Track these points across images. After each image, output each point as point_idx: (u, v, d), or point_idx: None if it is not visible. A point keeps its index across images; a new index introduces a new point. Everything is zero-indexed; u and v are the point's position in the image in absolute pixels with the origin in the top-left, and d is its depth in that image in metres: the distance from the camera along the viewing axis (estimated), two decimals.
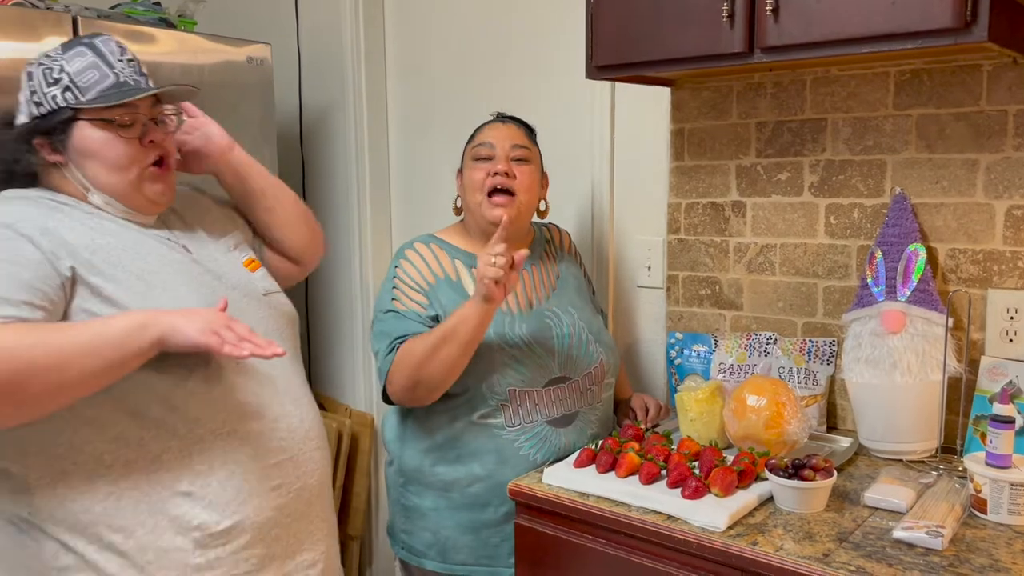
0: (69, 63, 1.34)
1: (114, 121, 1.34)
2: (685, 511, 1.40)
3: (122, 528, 1.29)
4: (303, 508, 1.44)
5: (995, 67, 1.59)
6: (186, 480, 1.31)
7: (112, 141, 1.34)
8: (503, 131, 1.76)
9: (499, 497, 1.65)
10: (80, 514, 1.28)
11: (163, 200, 1.43)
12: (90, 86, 1.33)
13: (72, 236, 1.30)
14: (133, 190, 1.38)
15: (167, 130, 1.43)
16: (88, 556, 1.28)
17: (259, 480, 1.37)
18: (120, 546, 1.28)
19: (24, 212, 1.30)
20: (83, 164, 1.36)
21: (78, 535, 1.28)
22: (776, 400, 1.56)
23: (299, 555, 1.44)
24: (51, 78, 1.34)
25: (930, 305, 1.62)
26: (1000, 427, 1.34)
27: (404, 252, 1.77)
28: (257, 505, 1.36)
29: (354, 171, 2.61)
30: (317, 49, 2.65)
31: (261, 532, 1.37)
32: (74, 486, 1.28)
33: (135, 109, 1.36)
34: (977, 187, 1.64)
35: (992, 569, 1.20)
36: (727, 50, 1.54)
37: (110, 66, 1.35)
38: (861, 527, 1.34)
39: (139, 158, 1.37)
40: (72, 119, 1.33)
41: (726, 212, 1.95)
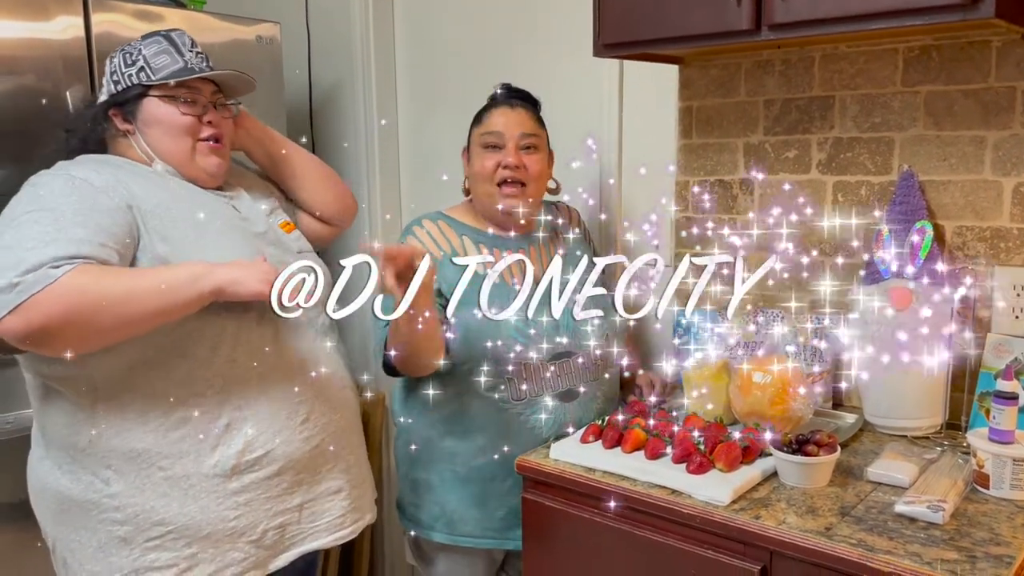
0: (146, 48, 1.56)
1: (178, 98, 1.54)
2: (690, 486, 1.41)
3: (169, 455, 1.47)
4: (330, 440, 1.63)
5: (1004, 43, 1.59)
6: (226, 414, 1.50)
7: (174, 114, 1.55)
8: (512, 118, 1.75)
9: (505, 469, 1.67)
10: (135, 443, 1.46)
11: (218, 173, 1.61)
12: (161, 68, 1.54)
13: (139, 190, 1.47)
14: (188, 160, 1.57)
15: (225, 115, 1.62)
16: (138, 483, 1.46)
17: (288, 415, 1.56)
18: (167, 470, 1.47)
19: (98, 169, 1.48)
20: (147, 132, 1.56)
21: (131, 462, 1.46)
22: (781, 377, 1.57)
23: (325, 482, 1.63)
24: (129, 60, 1.55)
25: (937, 282, 1.62)
26: (1004, 403, 1.35)
27: (412, 228, 1.78)
28: (287, 438, 1.55)
29: (364, 149, 2.62)
30: (326, 28, 2.66)
31: (290, 461, 1.56)
32: (130, 417, 1.46)
33: (197, 92, 1.57)
34: (985, 164, 1.63)
35: (993, 543, 1.21)
36: (734, 27, 1.54)
37: (180, 54, 1.56)
38: (863, 501, 1.36)
39: (195, 131, 1.56)
40: (143, 94, 1.54)
41: (734, 190, 1.96)
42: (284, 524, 1.57)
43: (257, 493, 1.53)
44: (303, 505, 1.60)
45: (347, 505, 1.67)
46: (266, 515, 1.55)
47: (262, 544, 1.55)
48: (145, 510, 1.46)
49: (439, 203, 1.92)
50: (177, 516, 1.47)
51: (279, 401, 1.55)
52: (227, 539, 1.51)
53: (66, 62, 1.91)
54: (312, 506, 1.61)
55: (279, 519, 1.56)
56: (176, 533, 1.48)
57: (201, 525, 1.48)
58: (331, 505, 1.64)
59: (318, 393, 1.61)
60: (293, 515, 1.58)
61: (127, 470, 1.46)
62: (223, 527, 1.50)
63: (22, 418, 1.95)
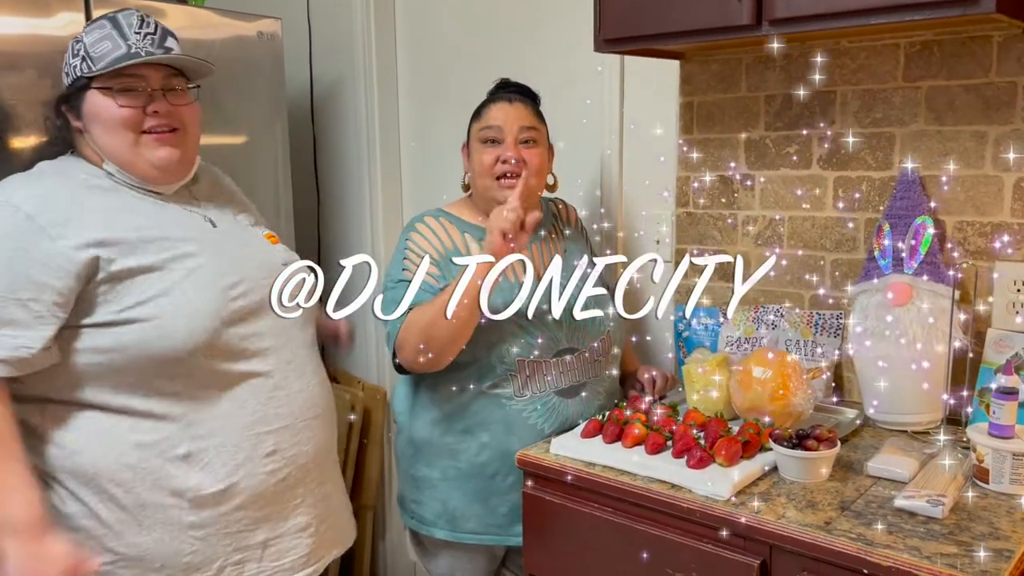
0: (88, 35, 1.43)
1: (113, 88, 1.40)
2: (690, 480, 1.42)
3: (123, 483, 1.38)
4: (298, 474, 1.52)
5: (1005, 38, 1.59)
6: (184, 444, 1.41)
7: (111, 107, 1.41)
8: (511, 112, 1.75)
9: (507, 466, 1.68)
10: (87, 467, 1.38)
11: (169, 168, 1.47)
12: (101, 56, 1.40)
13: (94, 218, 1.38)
14: (133, 155, 1.43)
15: (180, 101, 1.47)
16: (92, 506, 1.39)
17: (253, 447, 1.45)
18: (121, 500, 1.39)
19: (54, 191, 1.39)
20: (92, 129, 1.44)
21: (83, 486, 1.39)
22: (782, 372, 1.57)
23: (292, 519, 1.52)
24: (74, 50, 1.43)
25: (937, 278, 1.62)
26: (1003, 398, 1.35)
27: (414, 225, 1.78)
28: (250, 470, 1.45)
29: (365, 145, 2.62)
30: (327, 23, 2.66)
31: (254, 495, 1.46)
32: (82, 440, 1.39)
33: (141, 79, 1.42)
34: (986, 159, 1.63)
35: (992, 537, 1.21)
36: (735, 22, 1.54)
37: (124, 37, 1.41)
38: (863, 496, 1.36)
39: (136, 123, 1.42)
40: (85, 87, 1.41)
41: (735, 185, 1.96)
42: (243, 561, 1.46)
43: (216, 528, 1.43)
44: (267, 543, 1.49)
45: (312, 543, 1.56)
46: (224, 551, 1.44)
47: None
48: (96, 535, 1.39)
49: (440, 199, 1.93)
50: (129, 546, 1.39)
51: (243, 431, 1.45)
52: (181, 574, 1.41)
53: None
54: (276, 543, 1.50)
55: (238, 555, 1.46)
56: (126, 562, 1.39)
57: (154, 558, 1.40)
58: (297, 543, 1.53)
59: (288, 423, 1.50)
60: (255, 552, 1.48)
61: (80, 492, 1.39)
62: (177, 561, 1.41)
63: None
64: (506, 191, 1.70)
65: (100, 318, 1.36)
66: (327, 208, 2.77)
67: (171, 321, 1.37)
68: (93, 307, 1.36)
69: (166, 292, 1.38)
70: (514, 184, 1.71)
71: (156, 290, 1.38)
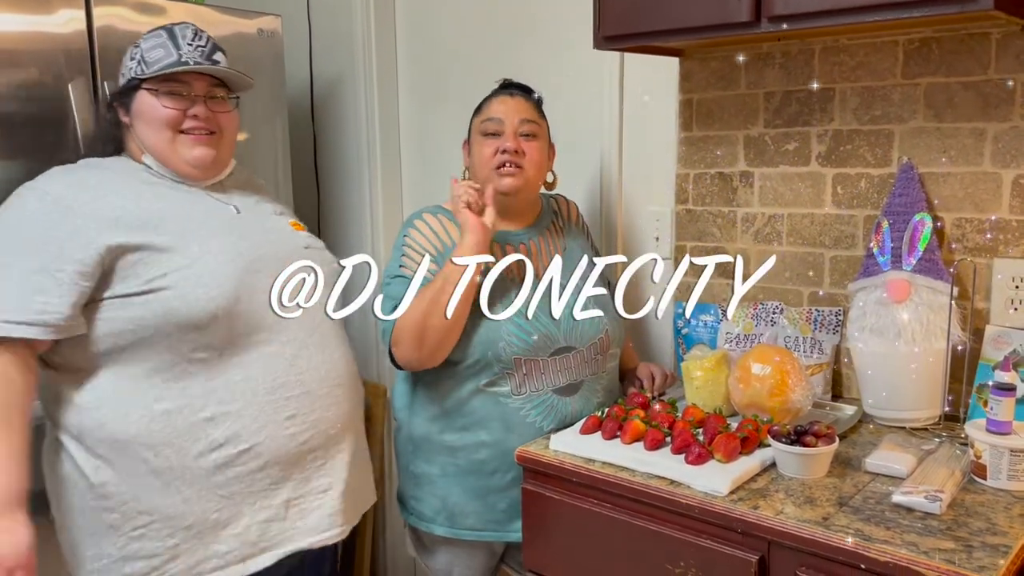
0: (145, 42, 1.60)
1: (160, 91, 1.56)
2: (688, 476, 1.42)
3: (152, 447, 1.49)
4: (320, 439, 1.62)
5: (1003, 35, 1.59)
6: (210, 407, 1.51)
7: (156, 107, 1.57)
8: (511, 105, 1.76)
9: (506, 464, 1.68)
10: (118, 434, 1.48)
11: (203, 165, 1.62)
12: (154, 62, 1.56)
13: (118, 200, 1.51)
14: (170, 152, 1.59)
15: (220, 108, 1.63)
16: (124, 471, 1.49)
17: (274, 410, 1.56)
18: (151, 462, 1.49)
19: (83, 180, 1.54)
20: (137, 125, 1.60)
21: (115, 452, 1.49)
22: (780, 368, 1.57)
23: (315, 480, 1.63)
24: (132, 55, 1.60)
25: (935, 274, 1.63)
26: (1001, 394, 1.36)
27: (412, 222, 1.79)
28: (272, 433, 1.55)
29: (365, 143, 2.62)
30: (328, 21, 2.66)
31: (276, 456, 1.56)
32: (115, 409, 1.49)
33: (187, 85, 1.59)
34: (984, 156, 1.64)
35: (989, 533, 1.22)
36: (734, 19, 1.54)
37: (177, 47, 1.58)
38: (861, 492, 1.36)
39: (176, 124, 1.58)
40: (136, 87, 1.58)
41: (734, 182, 1.96)
42: (269, 520, 1.57)
43: (241, 487, 1.53)
44: (289, 502, 1.59)
45: (337, 505, 1.65)
46: (250, 509, 1.54)
47: (246, 539, 1.55)
48: (131, 499, 1.49)
49: (440, 197, 1.93)
50: (161, 506, 1.49)
51: (265, 396, 1.54)
52: (210, 531, 1.52)
53: (68, 55, 1.92)
54: (300, 503, 1.60)
55: (263, 514, 1.56)
56: (160, 523, 1.49)
57: (184, 516, 1.50)
58: (320, 503, 1.63)
59: (309, 389, 1.60)
60: (279, 511, 1.58)
61: (114, 459, 1.48)
62: (205, 519, 1.51)
63: None
64: (507, 178, 1.71)
65: (125, 290, 1.47)
66: (327, 206, 2.78)
67: (192, 290, 1.48)
68: (118, 280, 1.47)
69: (188, 265, 1.49)
70: (513, 172, 1.71)
71: (178, 263, 1.49)
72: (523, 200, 1.78)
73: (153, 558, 1.50)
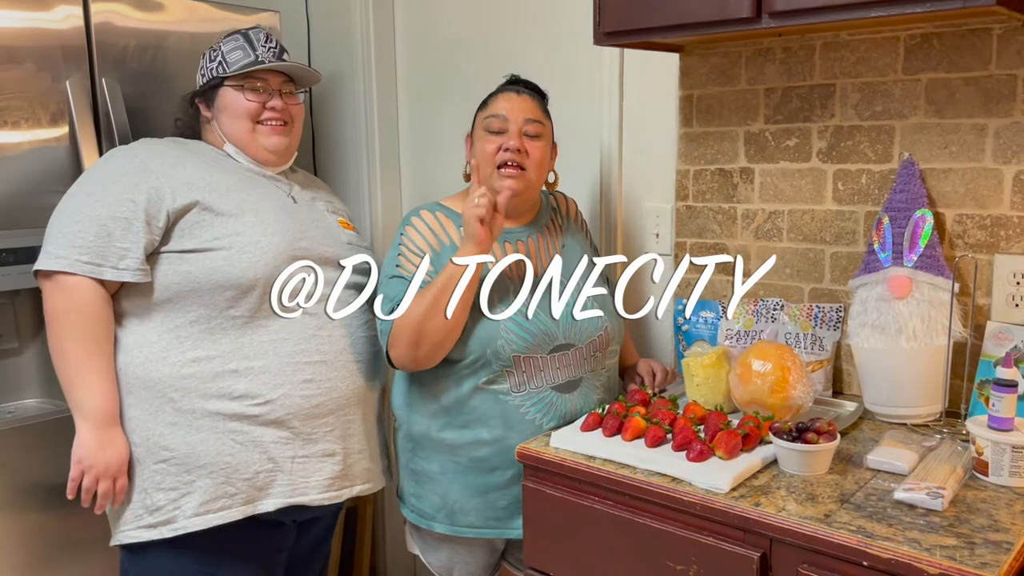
0: (225, 46, 1.80)
1: (246, 86, 1.77)
2: (689, 473, 1.42)
3: (181, 389, 1.66)
4: (331, 405, 1.76)
5: (1005, 31, 1.58)
6: (235, 361, 1.68)
7: (240, 100, 1.78)
8: (517, 103, 1.75)
9: (506, 461, 1.68)
10: (153, 375, 1.66)
11: (279, 152, 1.82)
12: (235, 62, 1.78)
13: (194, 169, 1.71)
14: (250, 140, 1.79)
15: (291, 102, 1.85)
16: (153, 409, 1.66)
17: (293, 372, 1.71)
18: (178, 403, 1.66)
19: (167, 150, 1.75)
20: (220, 118, 1.80)
21: (148, 390, 1.66)
22: (781, 365, 1.57)
23: (320, 443, 1.75)
24: (212, 57, 1.81)
25: (936, 271, 1.62)
26: (1003, 391, 1.35)
27: (410, 219, 1.78)
28: (287, 391, 1.70)
29: (364, 139, 2.62)
30: (326, 17, 2.65)
31: (288, 414, 1.70)
32: (155, 353, 1.66)
33: (265, 81, 1.80)
34: (986, 152, 1.63)
35: (991, 529, 1.22)
36: (735, 15, 1.54)
37: (253, 49, 1.79)
38: (863, 488, 1.36)
39: (256, 115, 1.78)
40: (219, 85, 1.78)
41: (734, 179, 1.96)
42: (275, 471, 1.70)
43: (253, 436, 1.68)
44: (295, 458, 1.72)
45: (338, 470, 1.77)
46: (260, 458, 1.69)
47: (254, 484, 1.69)
48: (155, 435, 1.66)
49: (440, 193, 1.93)
50: (181, 444, 1.65)
51: (286, 358, 1.70)
52: (222, 473, 1.66)
53: (65, 52, 1.91)
54: (304, 462, 1.73)
55: (271, 464, 1.70)
56: (178, 460, 1.66)
57: (200, 456, 1.66)
58: (322, 466, 1.75)
59: (327, 359, 1.75)
60: (285, 464, 1.71)
61: (144, 397, 1.66)
62: (219, 461, 1.66)
63: (23, 408, 1.96)
64: (506, 180, 1.70)
65: (181, 246, 1.65)
66: None
67: (238, 254, 1.66)
68: (176, 237, 1.66)
69: (239, 233, 1.67)
70: (514, 174, 1.71)
71: (231, 230, 1.67)
72: (523, 199, 1.77)
73: (171, 491, 1.66)
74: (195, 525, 1.66)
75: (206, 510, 1.66)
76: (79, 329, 1.62)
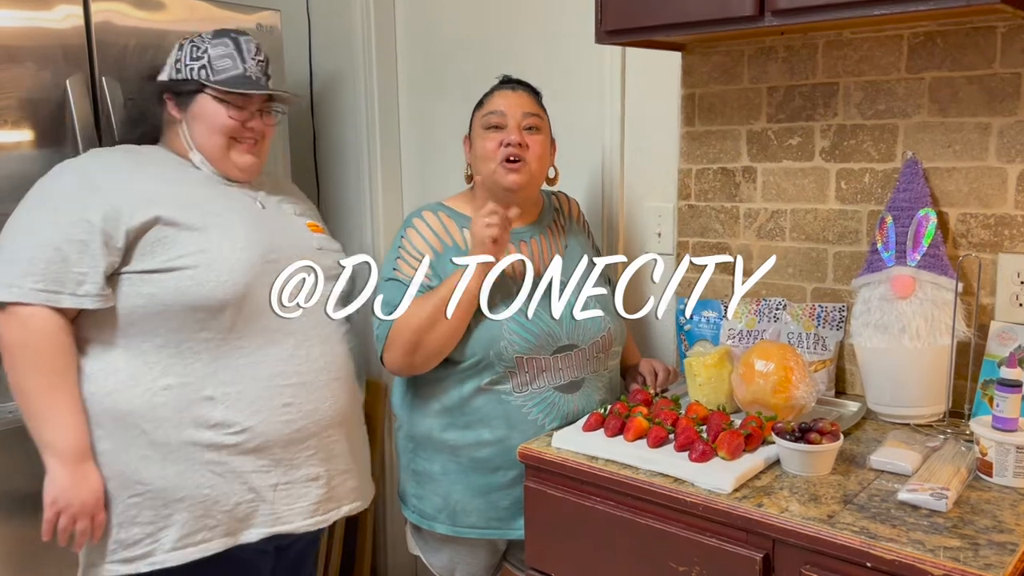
0: (213, 48, 1.67)
1: (228, 102, 1.66)
2: (692, 474, 1.41)
3: (152, 420, 1.57)
4: (313, 428, 1.69)
5: (1009, 29, 1.58)
6: (210, 387, 1.59)
7: (221, 114, 1.66)
8: (513, 98, 1.75)
9: (508, 461, 1.67)
10: (121, 405, 1.56)
11: (250, 170, 1.73)
12: (222, 70, 1.66)
13: (149, 186, 1.60)
14: (222, 156, 1.68)
15: (269, 121, 1.75)
16: (124, 442, 1.57)
17: (271, 396, 1.63)
18: (150, 435, 1.57)
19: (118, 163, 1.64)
20: (192, 124, 1.68)
21: (118, 424, 1.56)
22: (784, 365, 1.56)
23: (304, 468, 1.69)
24: (195, 54, 1.67)
25: (940, 270, 1.62)
26: (1007, 391, 1.35)
27: (411, 221, 1.78)
28: (266, 417, 1.62)
29: (365, 139, 2.61)
30: (327, 15, 2.65)
31: (268, 441, 1.63)
32: (121, 381, 1.57)
33: (248, 99, 1.68)
34: (989, 151, 1.62)
35: (996, 530, 1.21)
36: (737, 13, 1.53)
37: (243, 60, 1.68)
38: (866, 489, 1.35)
39: (235, 132, 1.68)
40: (199, 90, 1.66)
41: (736, 178, 1.95)
42: (256, 500, 1.64)
43: (232, 467, 1.61)
44: (277, 486, 1.66)
45: (323, 494, 1.72)
46: (240, 489, 1.62)
47: (235, 515, 1.63)
48: (128, 469, 1.57)
49: (441, 193, 1.92)
50: (156, 478, 1.58)
51: (264, 382, 1.62)
52: (200, 506, 1.60)
53: (66, 51, 1.91)
54: (287, 489, 1.67)
55: (251, 495, 1.63)
56: (154, 493, 1.58)
57: (177, 489, 1.58)
58: (306, 491, 1.70)
59: (306, 380, 1.68)
60: (267, 494, 1.65)
61: (114, 429, 1.57)
62: (197, 494, 1.59)
63: None
64: (511, 176, 1.70)
65: (145, 266, 1.55)
66: (327, 202, 2.77)
67: (205, 273, 1.56)
68: (138, 256, 1.56)
69: (204, 249, 1.57)
70: (517, 168, 1.70)
71: (196, 246, 1.57)
72: (526, 196, 1.77)
73: (148, 525, 1.59)
74: (174, 560, 1.59)
75: (185, 544, 1.60)
76: (39, 362, 1.52)
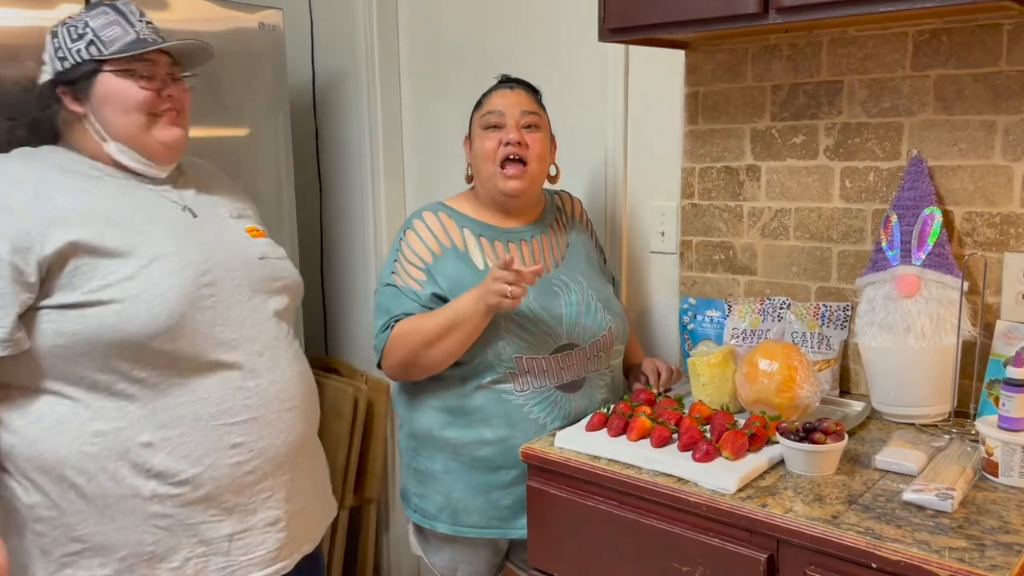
0: (93, 20, 1.45)
1: (135, 72, 1.44)
2: (695, 474, 1.40)
3: (84, 471, 1.38)
4: (268, 467, 1.51)
5: (1015, 26, 1.56)
6: (148, 432, 1.40)
7: (131, 88, 1.44)
8: (512, 97, 1.75)
9: (510, 460, 1.67)
10: (48, 455, 1.38)
11: (176, 147, 1.51)
12: (113, 40, 1.43)
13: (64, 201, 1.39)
14: (144, 133, 1.46)
15: (182, 88, 1.53)
16: (54, 495, 1.39)
17: (218, 437, 1.45)
18: (83, 488, 1.39)
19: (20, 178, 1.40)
20: (101, 112, 1.45)
21: (45, 475, 1.38)
22: (788, 364, 1.55)
23: (260, 512, 1.51)
24: (75, 34, 1.44)
25: (945, 269, 1.61)
26: (1013, 390, 1.34)
27: (412, 222, 1.77)
28: (214, 461, 1.44)
29: (367, 138, 2.61)
30: (329, 15, 2.64)
31: (219, 487, 1.45)
32: (46, 428, 1.38)
33: (154, 64, 1.47)
34: (995, 149, 1.62)
35: (1002, 531, 1.20)
36: (741, 11, 1.52)
37: (131, 24, 1.46)
38: (871, 489, 1.34)
39: (153, 106, 1.47)
40: (96, 71, 1.43)
41: (740, 176, 1.94)
42: (209, 554, 1.46)
43: (179, 518, 1.43)
44: (233, 536, 1.48)
45: (283, 538, 1.54)
46: (189, 542, 1.44)
47: (184, 572, 1.44)
48: (61, 524, 1.39)
49: (443, 192, 1.91)
50: (93, 534, 1.39)
51: (209, 421, 1.44)
52: (144, 564, 1.42)
53: None
54: (244, 537, 1.49)
55: (203, 547, 1.45)
56: (92, 552, 1.40)
57: (117, 546, 1.40)
58: (266, 538, 1.52)
59: (257, 415, 1.49)
60: (221, 545, 1.47)
61: (44, 482, 1.39)
62: (140, 550, 1.41)
63: None
64: (512, 181, 1.70)
65: (64, 299, 1.36)
66: (329, 200, 2.76)
67: (133, 305, 1.36)
68: (58, 289, 1.36)
69: (131, 276, 1.38)
70: (518, 173, 1.70)
71: (121, 274, 1.37)
72: (527, 195, 1.76)
73: None
74: None
75: None
76: None
